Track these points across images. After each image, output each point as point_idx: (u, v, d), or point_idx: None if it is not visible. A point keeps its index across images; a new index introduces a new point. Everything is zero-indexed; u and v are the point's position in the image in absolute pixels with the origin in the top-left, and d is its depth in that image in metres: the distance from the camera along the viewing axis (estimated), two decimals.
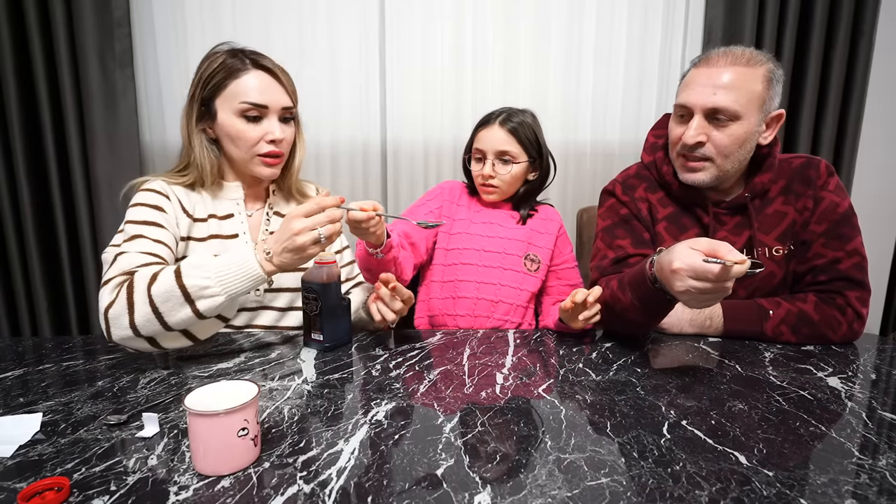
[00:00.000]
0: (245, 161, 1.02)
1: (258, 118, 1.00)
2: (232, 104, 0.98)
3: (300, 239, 0.81)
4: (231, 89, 0.98)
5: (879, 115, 1.81)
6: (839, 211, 1.00)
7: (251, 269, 0.82)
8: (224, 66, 0.98)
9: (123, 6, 1.56)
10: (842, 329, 0.96)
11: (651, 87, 1.81)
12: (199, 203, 1.04)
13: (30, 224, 1.62)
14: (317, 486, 0.53)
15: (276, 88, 1.00)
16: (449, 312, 1.20)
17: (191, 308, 0.80)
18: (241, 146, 1.01)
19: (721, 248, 0.76)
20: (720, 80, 0.94)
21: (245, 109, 0.98)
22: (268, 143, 1.01)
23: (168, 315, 0.79)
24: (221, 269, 0.81)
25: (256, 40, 1.69)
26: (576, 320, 0.95)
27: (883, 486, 0.53)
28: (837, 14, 1.68)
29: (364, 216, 0.88)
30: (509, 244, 1.22)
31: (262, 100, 0.98)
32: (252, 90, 0.98)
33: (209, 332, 0.87)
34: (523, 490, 0.52)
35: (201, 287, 0.79)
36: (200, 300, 0.80)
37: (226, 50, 1.01)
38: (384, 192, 1.83)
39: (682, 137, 0.98)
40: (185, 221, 1.01)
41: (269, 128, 1.00)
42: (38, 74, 1.55)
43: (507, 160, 1.20)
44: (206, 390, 0.58)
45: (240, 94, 0.98)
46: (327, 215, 0.83)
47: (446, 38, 1.73)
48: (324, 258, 0.91)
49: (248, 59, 0.99)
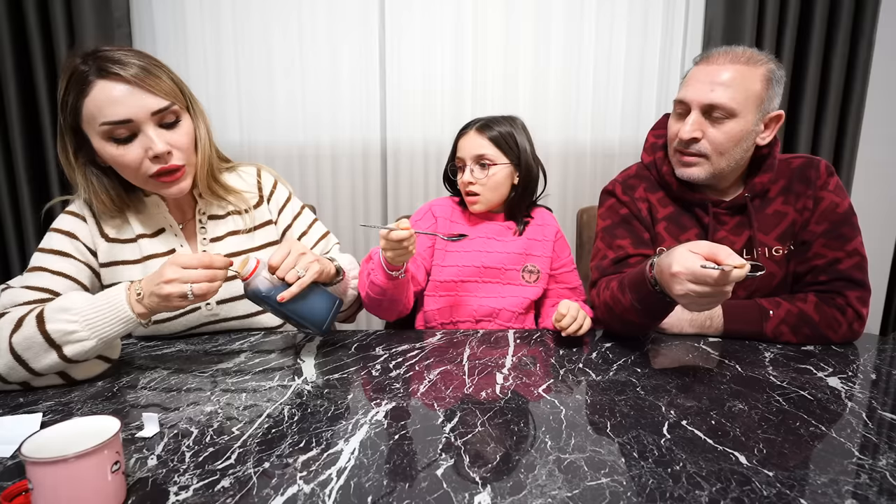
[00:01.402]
0: (143, 185, 0.89)
1: (130, 137, 0.83)
2: (94, 127, 0.82)
3: (168, 288, 0.74)
4: (86, 110, 0.82)
5: (879, 115, 1.81)
6: (839, 211, 1.00)
7: (121, 310, 0.75)
8: (73, 79, 0.82)
9: (123, 6, 1.56)
10: (842, 329, 0.96)
11: (651, 87, 1.81)
12: (124, 224, 0.94)
13: (30, 224, 1.62)
14: (317, 486, 0.53)
15: (135, 94, 0.82)
16: (446, 323, 1.20)
17: (57, 354, 0.73)
18: (125, 173, 0.87)
19: (721, 252, 0.76)
20: (719, 77, 0.94)
21: (108, 131, 0.82)
22: (152, 162, 0.85)
23: (33, 361, 0.73)
24: (90, 312, 0.74)
25: (256, 40, 1.69)
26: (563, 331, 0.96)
27: (883, 486, 0.53)
28: (837, 14, 1.68)
29: (407, 234, 0.88)
30: (507, 258, 1.20)
31: (123, 114, 0.81)
32: (106, 106, 0.80)
33: (90, 374, 0.80)
34: (523, 490, 0.52)
35: (66, 332, 0.73)
36: (68, 345, 0.73)
37: (78, 56, 0.83)
38: (384, 193, 1.83)
39: (679, 133, 0.99)
40: (104, 246, 0.93)
41: (147, 143, 0.83)
42: (38, 74, 1.55)
43: (485, 164, 1.17)
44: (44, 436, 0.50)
45: (96, 115, 0.81)
46: (205, 274, 0.76)
47: (446, 38, 1.74)
48: (244, 272, 0.82)
49: (94, 67, 0.81)
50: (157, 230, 0.97)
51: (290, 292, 0.82)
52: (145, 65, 0.84)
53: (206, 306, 0.99)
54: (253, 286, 0.82)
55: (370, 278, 1.03)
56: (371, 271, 1.03)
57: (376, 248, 1.01)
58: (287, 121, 1.76)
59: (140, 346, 0.95)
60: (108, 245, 0.93)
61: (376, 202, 1.83)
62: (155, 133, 0.84)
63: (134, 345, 0.96)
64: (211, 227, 1.01)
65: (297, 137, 1.77)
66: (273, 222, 1.07)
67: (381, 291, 1.02)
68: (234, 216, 1.03)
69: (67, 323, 0.73)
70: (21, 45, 1.56)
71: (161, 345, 0.96)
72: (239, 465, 0.57)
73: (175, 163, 0.87)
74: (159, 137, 0.84)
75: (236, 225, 1.03)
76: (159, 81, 0.85)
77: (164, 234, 0.97)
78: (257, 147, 1.75)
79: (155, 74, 0.85)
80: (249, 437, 0.62)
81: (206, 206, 1.00)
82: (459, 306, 1.19)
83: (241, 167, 1.08)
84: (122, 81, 0.81)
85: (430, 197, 1.79)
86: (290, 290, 0.82)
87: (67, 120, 0.84)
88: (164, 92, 0.85)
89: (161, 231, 0.97)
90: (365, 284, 1.06)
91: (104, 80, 0.81)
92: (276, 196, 1.08)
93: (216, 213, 1.02)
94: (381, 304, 1.07)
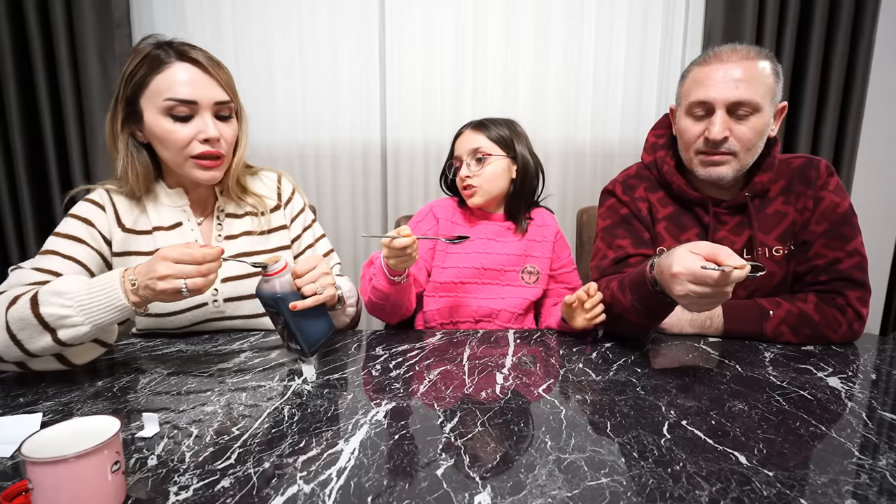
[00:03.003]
0: (179, 165, 0.93)
1: (188, 117, 0.90)
2: (157, 102, 0.89)
3: (161, 285, 0.73)
4: (154, 85, 0.88)
5: (879, 115, 1.81)
6: (839, 211, 1.00)
7: (116, 298, 0.75)
8: (147, 59, 0.88)
9: (123, 6, 1.57)
10: (842, 329, 0.96)
11: (651, 87, 1.81)
12: (143, 215, 0.98)
13: (30, 224, 1.62)
14: (317, 486, 0.53)
15: (205, 82, 0.90)
16: (446, 323, 1.20)
17: (51, 336, 0.73)
18: (170, 148, 0.91)
19: (721, 253, 0.76)
20: (738, 74, 0.94)
21: (171, 107, 0.89)
22: (201, 143, 0.91)
23: (28, 343, 0.74)
24: (84, 297, 0.74)
25: (256, 40, 1.69)
26: (578, 318, 0.96)
27: (883, 486, 0.53)
28: (837, 14, 1.68)
29: (410, 241, 0.88)
30: (507, 260, 1.20)
31: (191, 95, 0.89)
32: (178, 85, 0.88)
33: (86, 358, 0.81)
34: (523, 490, 0.52)
35: (60, 316, 0.73)
36: (61, 329, 0.73)
37: (151, 43, 0.91)
38: (384, 193, 1.83)
39: (706, 134, 0.97)
40: (120, 235, 0.95)
41: (201, 126, 0.91)
42: (38, 74, 1.55)
43: (481, 157, 1.18)
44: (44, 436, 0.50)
45: (164, 91, 0.88)
46: (197, 269, 0.74)
47: (446, 38, 1.74)
48: (271, 269, 0.83)
49: (172, 51, 0.90)
50: (174, 224, 0.99)
51: (304, 303, 0.82)
52: (218, 62, 0.94)
53: (214, 303, 1.00)
54: (271, 284, 0.82)
55: (372, 283, 1.03)
56: (373, 276, 1.02)
57: (378, 252, 1.01)
58: (287, 121, 1.75)
59: (140, 346, 0.95)
60: (124, 235, 0.96)
61: (376, 202, 1.83)
62: (211, 120, 0.92)
63: (134, 345, 0.96)
64: (227, 224, 1.04)
65: (297, 137, 1.77)
66: (286, 227, 1.10)
67: (384, 296, 1.02)
68: (251, 217, 1.06)
69: (61, 307, 0.73)
70: (21, 45, 1.56)
71: (161, 345, 0.96)
72: (239, 465, 0.57)
73: (220, 151, 0.94)
74: (214, 125, 0.92)
75: (252, 225, 1.06)
76: (228, 79, 0.95)
77: (180, 227, 0.99)
78: (258, 147, 1.75)
79: (225, 72, 0.95)
80: (249, 437, 0.62)
81: (224, 204, 1.04)
82: (459, 307, 1.19)
83: (263, 172, 1.12)
84: (198, 66, 0.91)
85: (430, 197, 1.79)
86: (305, 302, 0.82)
87: (126, 91, 0.91)
88: (229, 89, 0.94)
89: (178, 225, 0.99)
90: (367, 289, 1.06)
91: (182, 62, 0.90)
92: (292, 204, 1.12)
93: (234, 211, 1.05)
94: (384, 308, 1.07)
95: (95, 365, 0.85)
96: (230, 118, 0.96)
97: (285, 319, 0.83)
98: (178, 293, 0.75)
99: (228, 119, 0.95)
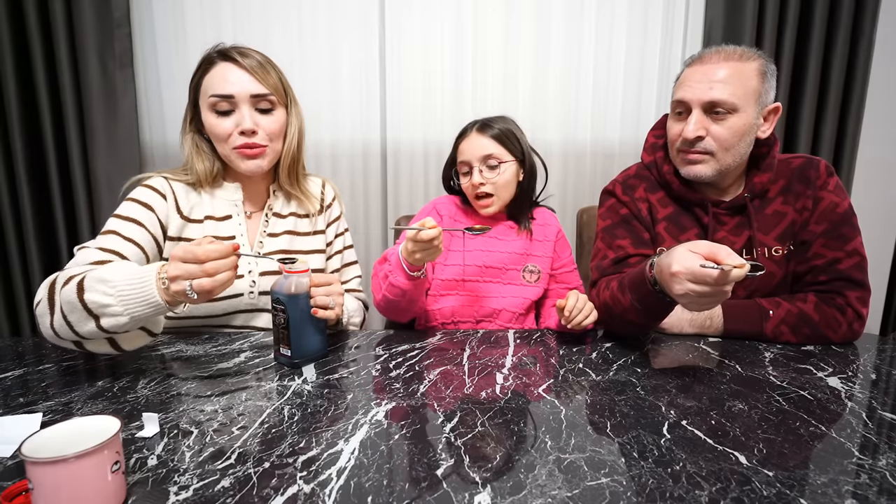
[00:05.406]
0: (228, 157, 1.01)
1: (229, 111, 0.98)
2: (205, 100, 0.98)
3: (174, 287, 0.72)
4: (204, 86, 0.99)
5: (879, 115, 1.81)
6: (839, 211, 1.00)
7: (151, 294, 0.73)
8: (202, 64, 1.00)
9: (123, 6, 1.56)
10: (842, 329, 0.96)
11: (651, 87, 1.81)
12: (199, 204, 1.03)
13: (30, 224, 1.62)
14: (317, 486, 0.53)
15: (241, 77, 0.97)
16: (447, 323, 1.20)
17: (95, 323, 0.74)
18: (217, 141, 1.00)
19: (721, 252, 0.76)
20: (716, 75, 0.95)
21: (213, 103, 0.97)
22: (240, 136, 0.98)
23: (77, 326, 0.75)
24: (125, 288, 0.73)
25: (256, 40, 1.69)
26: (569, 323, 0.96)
27: (883, 486, 0.53)
28: (837, 14, 1.68)
29: (436, 232, 0.89)
30: (508, 258, 1.20)
31: (226, 90, 0.96)
32: (218, 82, 0.97)
33: (134, 345, 0.82)
34: (523, 490, 0.52)
35: (102, 304, 0.73)
36: (104, 317, 0.74)
37: (209, 49, 1.01)
38: (384, 193, 1.83)
39: (682, 133, 0.99)
40: (177, 222, 1.00)
41: (239, 119, 0.97)
42: (38, 74, 1.55)
43: (494, 164, 1.15)
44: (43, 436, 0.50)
45: (209, 89, 0.98)
46: (202, 269, 0.71)
47: (446, 37, 1.73)
48: (294, 267, 0.84)
49: (217, 54, 0.99)
50: (225, 216, 1.04)
51: (324, 314, 0.87)
52: (262, 61, 1.00)
53: (250, 295, 1.03)
54: (290, 281, 0.84)
55: (388, 280, 1.02)
56: (389, 273, 1.01)
57: (390, 249, 1.01)
58: None
59: None
60: (181, 222, 1.01)
61: (376, 202, 1.83)
62: (249, 113, 0.98)
63: None
64: (273, 222, 1.09)
65: None
66: (323, 232, 1.15)
67: (401, 293, 1.01)
68: (294, 217, 1.11)
69: (104, 295, 0.73)
70: (21, 45, 1.56)
71: (161, 345, 0.96)
72: (239, 465, 0.57)
73: (258, 142, 0.99)
74: (251, 117, 0.98)
75: (293, 226, 1.11)
76: (267, 75, 1.00)
77: (229, 220, 1.04)
78: None
79: (266, 69, 1.00)
80: (249, 437, 0.62)
81: (273, 202, 1.09)
82: (460, 306, 1.19)
83: (310, 177, 1.18)
84: (237, 66, 0.97)
85: (430, 196, 1.79)
86: (325, 313, 0.87)
87: (191, 95, 1.01)
88: (268, 83, 0.99)
89: (228, 217, 1.04)
90: (381, 287, 1.05)
91: (224, 62, 0.98)
92: (332, 209, 1.18)
93: (280, 211, 1.10)
94: (399, 305, 1.06)
95: (95, 365, 0.86)
96: (272, 110, 1.01)
97: (289, 320, 0.84)
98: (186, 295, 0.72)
99: (270, 112, 1.01)
